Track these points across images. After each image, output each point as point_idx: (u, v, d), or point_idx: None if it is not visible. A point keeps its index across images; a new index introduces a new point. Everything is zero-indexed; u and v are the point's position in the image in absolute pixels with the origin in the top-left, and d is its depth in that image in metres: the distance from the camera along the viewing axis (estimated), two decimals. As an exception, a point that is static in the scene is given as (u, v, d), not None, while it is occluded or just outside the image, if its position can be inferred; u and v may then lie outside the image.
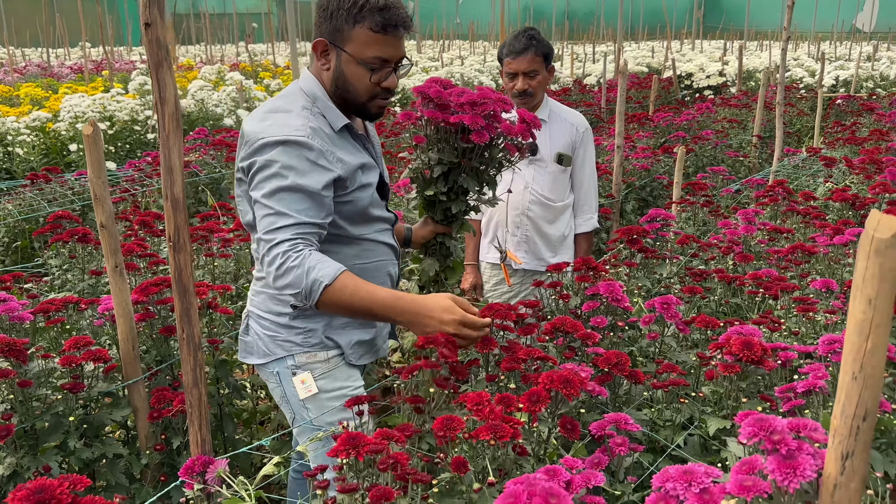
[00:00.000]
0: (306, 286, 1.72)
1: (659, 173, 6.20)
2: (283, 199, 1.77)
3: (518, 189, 3.14)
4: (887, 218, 0.99)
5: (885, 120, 7.88)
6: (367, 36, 1.86)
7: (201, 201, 5.40)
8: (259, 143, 1.81)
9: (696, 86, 14.79)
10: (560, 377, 1.55)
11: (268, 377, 2.05)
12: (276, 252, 1.74)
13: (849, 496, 1.04)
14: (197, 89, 9.03)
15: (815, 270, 3.07)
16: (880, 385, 1.02)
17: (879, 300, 0.99)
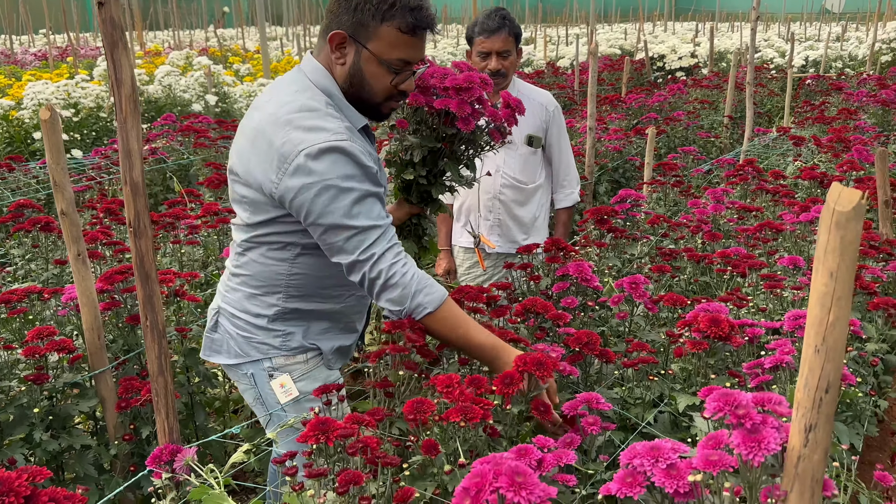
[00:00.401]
0: (409, 307, 1.70)
1: (631, 155, 6.22)
2: (360, 214, 1.67)
3: (490, 173, 3.13)
4: (848, 191, 0.99)
5: (853, 99, 7.98)
6: (394, 36, 1.74)
7: (170, 189, 5.31)
8: (302, 157, 1.65)
9: (668, 67, 14.84)
10: (533, 359, 1.54)
11: (239, 378, 1.97)
12: (380, 267, 1.68)
13: (812, 468, 1.05)
14: (164, 74, 8.87)
15: (783, 248, 3.10)
16: (842, 358, 1.02)
17: (841, 273, 0.99)
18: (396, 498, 1.34)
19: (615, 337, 2.39)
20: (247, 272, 1.88)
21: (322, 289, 1.90)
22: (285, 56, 17.06)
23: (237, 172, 1.81)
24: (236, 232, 1.91)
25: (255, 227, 1.82)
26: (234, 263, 1.91)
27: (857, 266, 2.62)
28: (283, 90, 1.80)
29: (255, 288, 1.88)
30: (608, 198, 5.76)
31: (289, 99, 1.75)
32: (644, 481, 1.14)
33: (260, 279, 1.87)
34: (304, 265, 1.85)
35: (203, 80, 9.41)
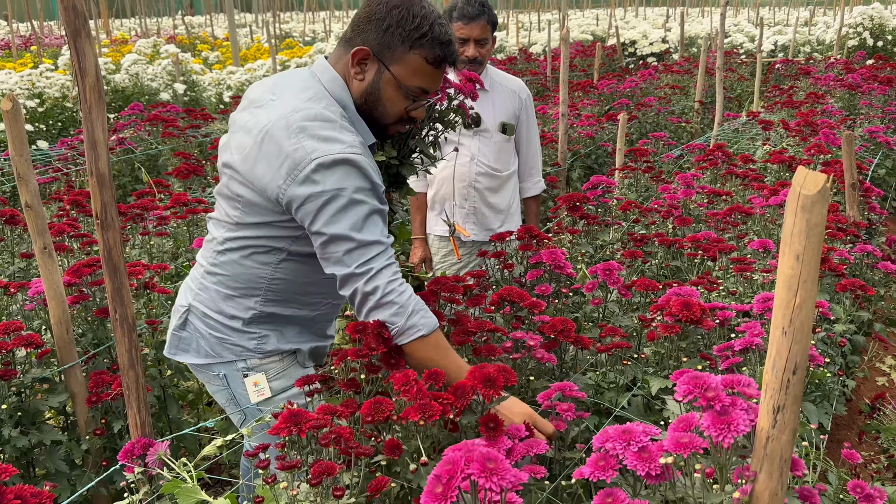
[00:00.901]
0: (401, 327, 1.64)
1: (604, 141, 6.25)
2: (367, 228, 1.63)
3: (464, 161, 3.12)
4: (813, 174, 1.00)
5: (821, 83, 8.08)
6: (419, 64, 1.72)
7: (138, 180, 5.23)
8: (314, 165, 1.60)
9: (639, 53, 14.92)
10: (482, 376, 1.48)
11: (209, 379, 1.91)
12: (376, 283, 1.62)
13: (780, 448, 1.07)
14: (131, 63, 8.71)
15: (753, 231, 3.14)
16: (809, 339, 1.04)
17: (807, 255, 1.01)
18: (370, 488, 1.34)
19: (589, 322, 2.40)
20: (225, 272, 1.82)
21: (301, 295, 1.86)
22: (255, 43, 16.85)
23: (238, 170, 1.73)
24: (217, 228, 1.84)
25: (245, 228, 1.77)
26: (211, 261, 1.84)
27: (823, 248, 2.67)
28: (295, 94, 1.73)
29: (233, 289, 1.82)
30: (581, 184, 5.79)
31: (303, 106, 1.68)
32: (616, 464, 1.15)
33: (239, 281, 1.81)
34: (287, 270, 1.80)
35: (171, 68, 9.26)
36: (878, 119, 6.24)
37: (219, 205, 1.85)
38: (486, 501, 1.07)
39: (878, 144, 5.27)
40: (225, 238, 1.80)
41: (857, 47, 13.18)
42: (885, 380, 3.66)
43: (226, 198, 1.80)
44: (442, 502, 1.01)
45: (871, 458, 2.97)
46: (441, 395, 1.46)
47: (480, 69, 3.06)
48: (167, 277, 3.00)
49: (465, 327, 1.89)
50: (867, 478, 2.80)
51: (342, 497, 1.31)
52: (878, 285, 3.03)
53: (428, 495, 1.03)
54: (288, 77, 1.82)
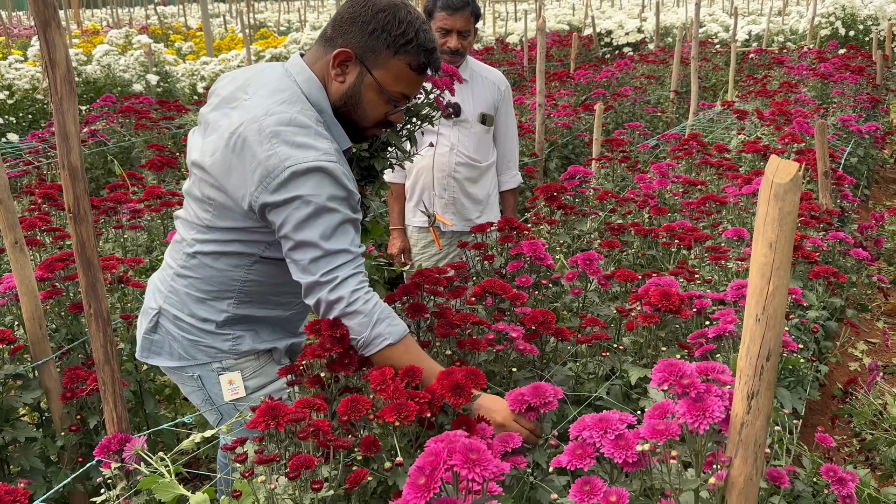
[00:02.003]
0: (367, 337, 1.60)
1: (580, 131, 6.27)
2: (336, 237, 1.59)
3: (444, 151, 3.11)
4: (786, 163, 1.01)
5: (794, 72, 8.17)
6: (402, 70, 1.70)
7: (111, 172, 5.16)
8: (288, 173, 1.56)
9: (615, 43, 14.97)
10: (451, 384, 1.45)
11: (184, 380, 1.88)
12: (340, 293, 1.59)
13: (755, 433, 1.08)
14: (102, 54, 8.57)
15: (727, 220, 3.17)
16: (782, 326, 1.05)
17: (780, 243, 1.02)
18: (349, 480, 1.34)
19: (568, 312, 2.42)
20: (196, 275, 1.78)
21: (274, 296, 1.84)
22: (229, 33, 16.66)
23: (209, 172, 1.69)
24: (187, 229, 1.79)
25: (216, 231, 1.73)
26: (181, 264, 1.80)
27: (797, 236, 2.71)
28: (269, 95, 1.68)
29: (205, 292, 1.79)
30: (559, 174, 5.81)
31: (277, 109, 1.63)
32: (594, 452, 1.16)
33: (211, 283, 1.78)
34: (260, 272, 1.78)
35: (143, 59, 9.13)
36: (850, 108, 6.32)
37: (187, 204, 1.80)
38: (467, 492, 1.07)
39: (851, 133, 5.34)
40: (195, 240, 1.76)
41: (829, 37, 13.33)
42: (857, 365, 3.73)
43: (196, 199, 1.75)
44: (425, 493, 1.02)
45: (843, 442, 3.03)
46: (418, 393, 1.45)
47: (461, 60, 3.06)
48: (141, 271, 2.97)
49: (449, 320, 1.89)
50: (840, 461, 2.86)
51: (320, 490, 1.31)
52: (850, 272, 3.08)
53: (411, 487, 1.03)
54: (262, 74, 1.77)
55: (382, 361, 1.61)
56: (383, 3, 1.68)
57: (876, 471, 2.73)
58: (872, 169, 6.26)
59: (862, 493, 2.26)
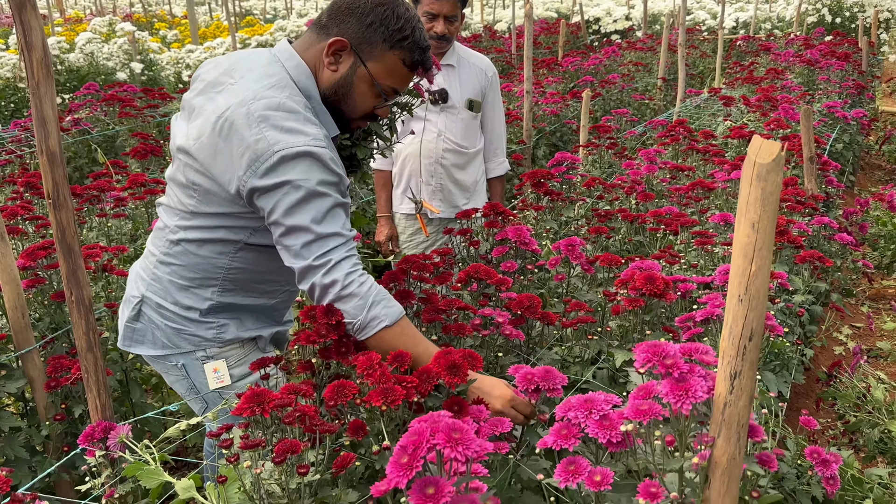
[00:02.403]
0: (363, 320, 1.58)
1: (568, 118, 6.26)
2: (328, 220, 1.58)
3: (431, 137, 3.10)
4: (768, 143, 1.01)
5: (781, 59, 8.19)
6: (396, 65, 1.71)
7: (95, 161, 5.11)
8: (277, 157, 1.55)
9: (603, 30, 14.95)
10: (447, 363, 1.46)
11: (167, 369, 1.86)
12: (335, 276, 1.57)
13: (738, 413, 1.09)
14: (85, 42, 8.47)
15: (714, 205, 3.18)
16: (764, 306, 1.05)
17: (762, 224, 1.02)
18: (336, 464, 1.33)
19: (554, 298, 2.42)
20: (179, 262, 1.76)
21: (259, 284, 1.83)
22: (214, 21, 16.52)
23: (195, 157, 1.66)
24: (169, 216, 1.77)
25: (200, 217, 1.71)
26: (164, 251, 1.77)
27: (782, 221, 2.72)
28: (257, 80, 1.66)
29: (189, 280, 1.77)
30: (546, 161, 5.80)
31: (265, 94, 1.62)
32: (579, 433, 1.16)
33: (195, 271, 1.76)
34: (245, 260, 1.76)
35: (127, 47, 9.03)
36: (835, 94, 6.35)
37: (171, 191, 1.78)
38: (451, 471, 1.07)
39: (836, 119, 5.37)
40: (178, 227, 1.74)
41: (816, 24, 13.37)
42: (841, 349, 3.76)
43: (180, 185, 1.73)
44: (407, 472, 1.01)
45: (828, 425, 3.06)
46: (405, 378, 1.45)
47: (448, 46, 3.04)
48: (126, 260, 2.95)
49: (435, 305, 1.88)
50: (824, 443, 2.89)
51: (307, 474, 1.30)
52: (835, 256, 3.10)
53: (393, 465, 1.03)
54: (248, 59, 1.75)
55: (378, 344, 1.60)
56: None
57: (859, 452, 2.76)
58: (858, 155, 6.30)
59: (845, 474, 2.28)
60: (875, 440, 2.70)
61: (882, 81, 10.12)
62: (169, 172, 1.80)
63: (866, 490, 2.28)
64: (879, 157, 7.52)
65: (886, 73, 11.37)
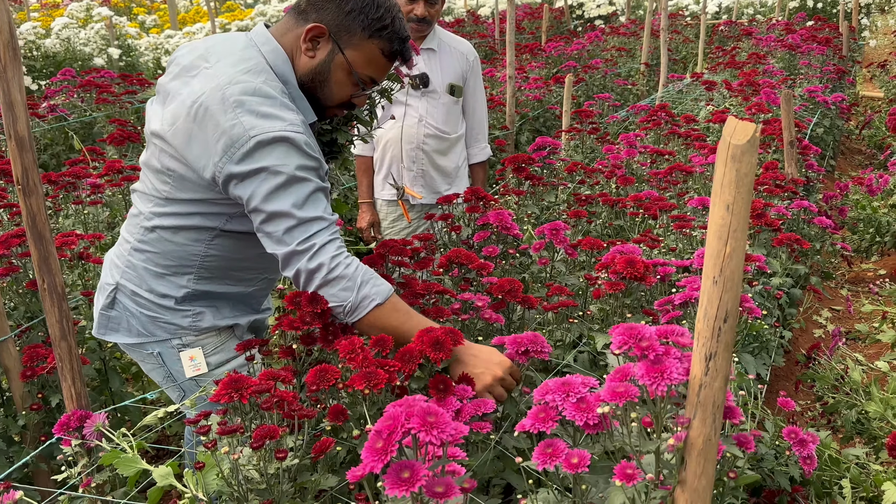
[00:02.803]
0: (354, 301, 1.55)
1: (551, 103, 6.26)
2: (309, 205, 1.56)
3: (412, 123, 3.07)
4: (743, 124, 1.01)
5: (762, 44, 8.21)
6: (374, 54, 1.69)
7: (72, 148, 5.04)
8: (253, 143, 1.52)
9: (587, 15, 14.93)
10: (431, 339, 1.46)
11: (143, 358, 1.84)
12: (320, 260, 1.54)
13: (713, 395, 1.09)
14: (62, 27, 8.33)
15: (693, 190, 3.19)
16: (739, 288, 1.05)
17: (737, 205, 1.02)
18: (315, 449, 1.33)
19: (536, 282, 2.42)
20: (154, 249, 1.74)
21: (235, 271, 1.81)
22: (194, 6, 16.30)
23: (170, 143, 1.63)
24: (143, 202, 1.74)
25: (175, 204, 1.68)
26: (139, 238, 1.75)
27: (761, 204, 2.73)
28: (233, 64, 1.63)
29: (164, 267, 1.75)
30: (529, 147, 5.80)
31: (241, 78, 1.59)
32: (556, 416, 1.16)
33: (170, 258, 1.74)
34: (221, 247, 1.74)
35: (104, 32, 8.90)
36: (816, 79, 6.38)
37: (145, 176, 1.75)
38: (427, 455, 1.07)
39: (817, 104, 5.40)
40: (153, 213, 1.71)
41: (798, 9, 13.42)
42: (820, 331, 3.80)
43: (154, 171, 1.70)
44: (382, 457, 1.01)
45: (807, 406, 3.10)
46: (387, 362, 1.44)
47: (428, 29, 3.01)
48: (103, 247, 2.91)
49: (414, 290, 1.87)
50: (803, 424, 2.92)
51: (285, 459, 1.30)
52: (814, 240, 3.12)
53: (368, 451, 1.02)
54: (223, 43, 1.72)
55: (372, 323, 1.58)
56: None
57: (837, 433, 2.79)
58: (838, 139, 6.35)
59: (823, 454, 2.31)
60: (852, 421, 2.73)
61: (862, 66, 10.19)
62: (143, 158, 1.77)
63: (843, 470, 2.31)
64: (859, 142, 7.58)
65: (867, 57, 11.44)
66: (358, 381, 1.38)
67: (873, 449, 2.59)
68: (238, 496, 1.33)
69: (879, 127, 7.11)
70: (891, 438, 2.13)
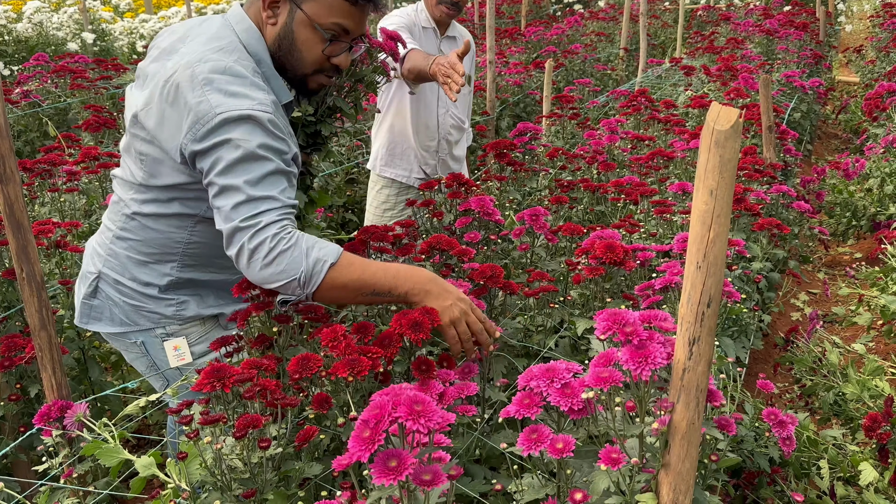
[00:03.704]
0: (307, 268, 1.47)
1: (532, 89, 6.25)
2: (264, 184, 1.49)
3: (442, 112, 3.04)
4: (727, 110, 1.01)
5: (740, 29, 8.25)
6: (333, 1, 1.61)
7: (47, 135, 4.95)
8: (218, 120, 1.49)
9: (566, 0, 14.88)
10: (409, 321, 1.45)
11: (126, 347, 1.82)
12: (262, 237, 1.46)
13: (697, 378, 1.10)
14: (34, 11, 8.16)
15: (674, 175, 3.21)
16: (722, 273, 1.06)
17: (720, 191, 1.02)
18: (298, 438, 1.32)
19: (518, 268, 2.42)
20: (136, 237, 1.71)
21: (219, 258, 1.75)
22: (170, -10, 16.03)
23: (143, 125, 1.61)
24: (124, 189, 1.72)
25: (154, 190, 1.66)
26: (120, 226, 1.72)
27: (740, 189, 2.75)
28: (204, 43, 1.60)
29: (146, 255, 1.72)
30: (510, 133, 5.80)
31: (212, 57, 1.56)
32: (541, 402, 1.17)
33: (153, 246, 1.71)
34: (203, 234, 1.71)
35: (78, 16, 8.74)
36: (794, 64, 6.43)
37: (124, 162, 1.73)
38: (414, 443, 1.07)
39: (794, 88, 5.44)
40: (133, 200, 1.69)
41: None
42: (798, 314, 3.85)
43: (132, 156, 1.68)
44: (370, 446, 1.01)
45: (785, 389, 3.14)
46: (370, 348, 1.44)
47: (458, 14, 2.98)
48: (80, 235, 2.87)
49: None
50: (782, 406, 2.96)
51: (268, 448, 1.29)
52: (792, 224, 3.15)
53: (355, 440, 1.02)
54: (201, 25, 1.70)
55: (330, 287, 1.50)
56: None
57: (815, 415, 2.83)
58: (815, 124, 6.41)
59: (801, 435, 2.34)
60: (830, 403, 2.77)
61: (839, 51, 10.28)
62: (123, 143, 1.74)
63: (821, 451, 2.35)
64: (836, 126, 7.66)
65: (843, 43, 11.54)
66: (341, 369, 1.37)
67: (850, 430, 2.63)
68: (221, 485, 1.33)
69: (855, 112, 7.19)
70: (867, 419, 2.17)
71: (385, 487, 1.00)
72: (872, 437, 2.18)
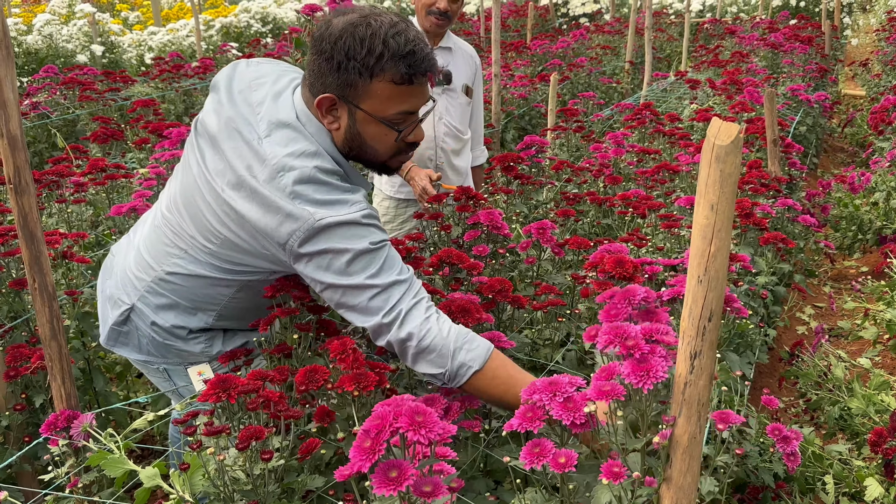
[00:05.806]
0: (451, 370, 1.49)
1: (537, 101, 6.27)
2: (383, 271, 1.50)
3: (431, 120, 3.05)
4: (727, 125, 1.02)
5: (746, 42, 8.27)
6: (389, 90, 1.53)
7: (55, 146, 5.00)
8: (318, 226, 1.47)
9: (571, 13, 14.97)
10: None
11: (149, 371, 1.83)
12: (407, 331, 1.48)
13: (698, 392, 1.10)
14: (44, 23, 8.25)
15: (680, 188, 3.21)
16: (724, 287, 1.07)
17: (721, 205, 1.03)
18: (301, 450, 1.33)
19: (524, 281, 2.43)
20: (182, 284, 1.69)
21: (255, 311, 1.75)
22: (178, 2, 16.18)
23: (230, 207, 1.54)
24: (180, 239, 1.67)
25: (218, 258, 1.63)
26: (167, 270, 1.69)
27: (747, 203, 2.76)
28: (285, 145, 1.54)
29: (185, 304, 1.72)
30: (515, 145, 5.81)
31: (295, 164, 1.51)
32: (543, 415, 1.17)
33: (195, 297, 1.71)
34: (246, 294, 1.71)
35: (87, 29, 8.82)
36: (799, 77, 6.43)
37: (185, 212, 1.65)
38: (415, 454, 1.07)
39: (800, 102, 5.44)
40: (191, 257, 1.66)
41: (781, 7, 13.52)
42: (804, 328, 3.83)
43: (199, 221, 1.62)
44: (371, 456, 1.01)
45: (791, 403, 3.13)
46: (378, 364, 1.45)
47: (448, 25, 2.98)
48: (87, 246, 2.89)
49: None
50: (787, 421, 2.95)
51: (270, 460, 1.30)
52: (798, 238, 3.15)
53: (356, 450, 1.03)
54: (276, 102, 1.61)
55: (473, 391, 1.52)
56: (339, 27, 1.51)
57: (820, 429, 2.82)
58: (821, 138, 6.41)
59: (806, 450, 2.34)
60: (835, 417, 2.76)
61: (844, 65, 10.29)
62: (183, 188, 1.66)
63: (826, 466, 2.34)
64: (842, 140, 7.65)
65: (848, 56, 11.55)
66: (347, 383, 1.38)
67: (856, 445, 2.62)
68: (224, 497, 1.33)
69: (861, 125, 7.19)
70: (873, 434, 2.16)
71: (385, 498, 1.00)
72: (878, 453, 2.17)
